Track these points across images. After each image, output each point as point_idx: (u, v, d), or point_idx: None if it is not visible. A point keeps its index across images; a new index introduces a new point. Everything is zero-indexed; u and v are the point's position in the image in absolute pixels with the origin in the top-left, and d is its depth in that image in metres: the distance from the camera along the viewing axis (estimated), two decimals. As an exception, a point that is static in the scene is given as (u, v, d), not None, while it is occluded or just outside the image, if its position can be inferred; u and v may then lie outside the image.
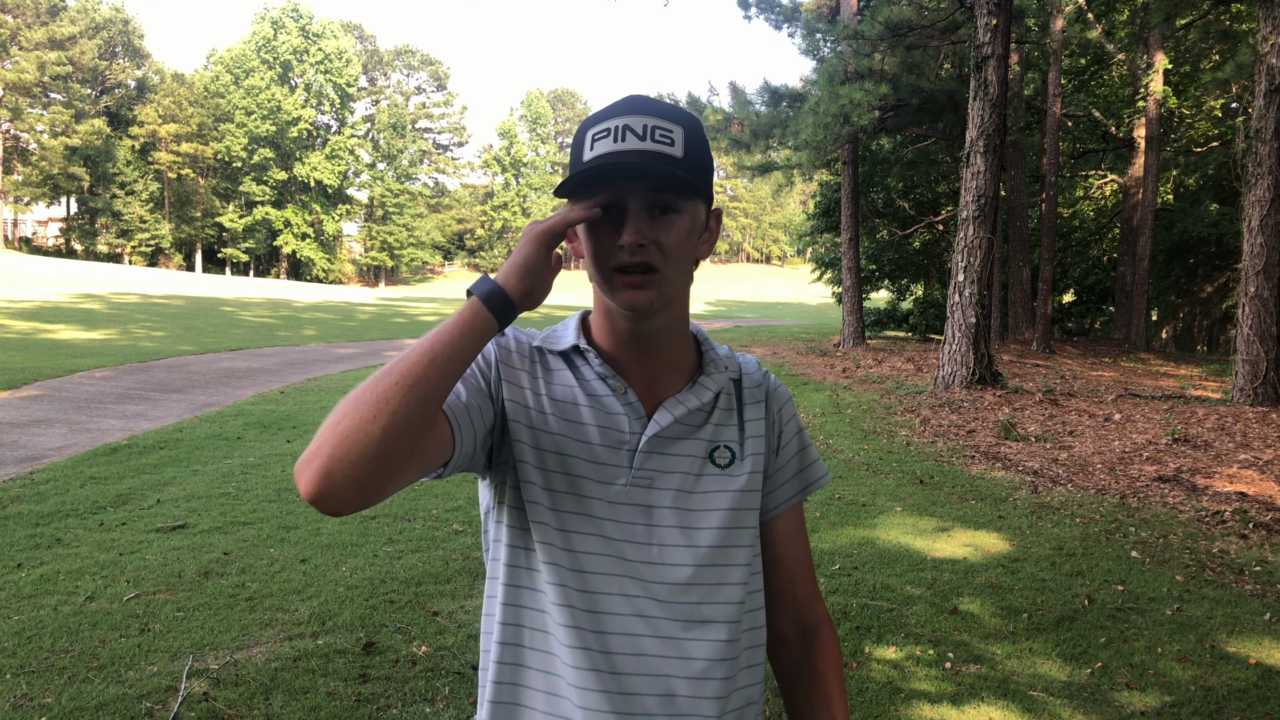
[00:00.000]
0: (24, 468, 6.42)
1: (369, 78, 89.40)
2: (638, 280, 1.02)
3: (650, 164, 0.99)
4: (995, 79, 10.67)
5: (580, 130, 1.06)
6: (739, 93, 18.52)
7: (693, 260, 1.07)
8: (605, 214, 1.02)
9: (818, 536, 5.34)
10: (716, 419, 1.13)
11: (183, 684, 3.21)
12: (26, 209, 67.21)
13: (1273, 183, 9.55)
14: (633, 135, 1.01)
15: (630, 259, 1.01)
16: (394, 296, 48.63)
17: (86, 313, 21.46)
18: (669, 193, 1.02)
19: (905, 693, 3.37)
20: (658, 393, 1.11)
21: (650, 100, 1.05)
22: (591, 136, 1.03)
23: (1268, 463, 7.41)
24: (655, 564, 1.07)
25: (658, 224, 1.02)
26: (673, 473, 1.09)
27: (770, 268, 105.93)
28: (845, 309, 19.37)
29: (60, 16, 62.66)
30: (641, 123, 1.02)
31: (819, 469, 1.24)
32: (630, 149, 1.00)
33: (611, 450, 1.07)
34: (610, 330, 1.11)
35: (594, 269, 1.05)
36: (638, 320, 1.06)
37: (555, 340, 1.13)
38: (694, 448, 1.11)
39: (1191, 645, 3.86)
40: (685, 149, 1.02)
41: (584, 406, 1.09)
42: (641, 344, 1.10)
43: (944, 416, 9.69)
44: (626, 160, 0.99)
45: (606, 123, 1.03)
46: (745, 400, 1.17)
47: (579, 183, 1.01)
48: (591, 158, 1.02)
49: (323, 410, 9.50)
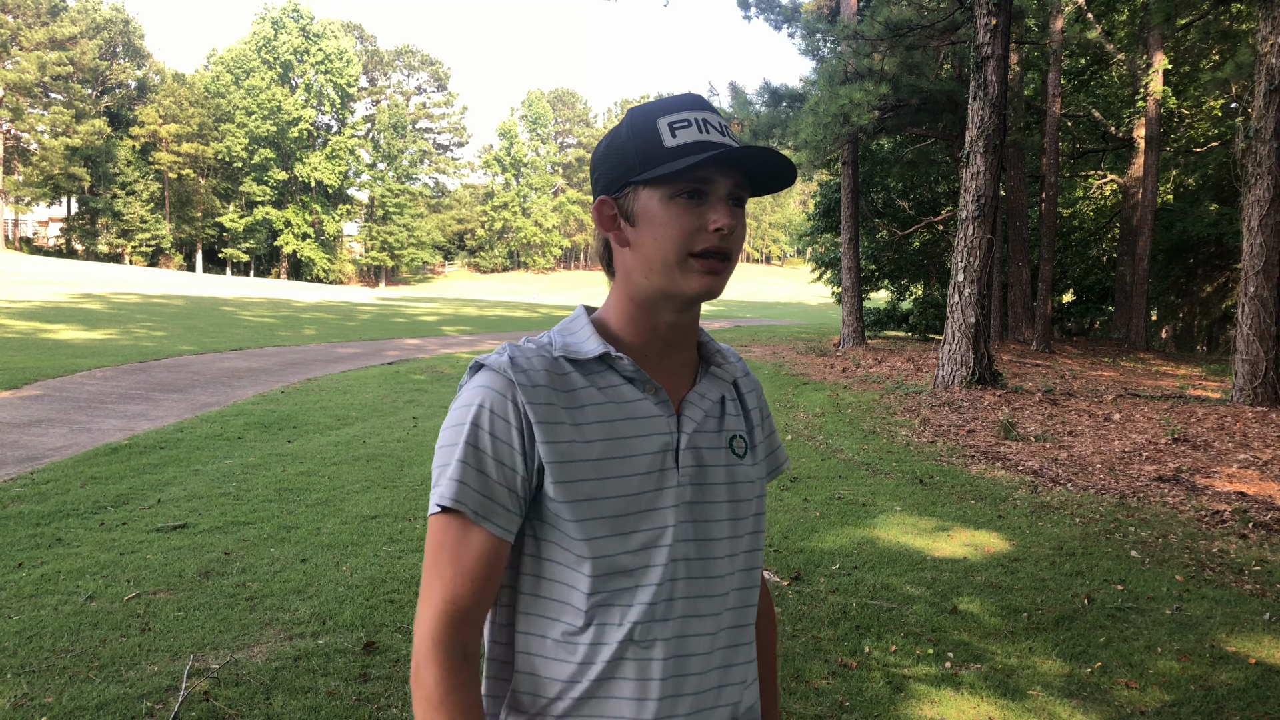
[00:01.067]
0: (25, 467, 6.43)
1: (369, 78, 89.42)
2: (717, 266, 1.04)
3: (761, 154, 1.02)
4: (995, 79, 10.67)
5: (642, 118, 1.06)
6: (739, 93, 18.52)
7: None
8: (692, 197, 1.03)
9: (817, 536, 5.35)
10: (729, 409, 1.16)
11: (183, 683, 3.22)
12: (27, 209, 67.22)
13: (1272, 183, 9.55)
14: (714, 129, 1.04)
15: (720, 243, 1.03)
16: (394, 296, 48.65)
17: (87, 313, 21.47)
18: (744, 186, 1.06)
19: (905, 692, 3.37)
20: (674, 388, 1.12)
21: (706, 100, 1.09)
22: (669, 124, 1.04)
23: (1267, 462, 7.41)
24: (714, 559, 1.10)
25: (734, 213, 1.05)
26: (712, 466, 1.11)
27: (770, 268, 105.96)
28: (845, 309, 19.38)
29: (61, 16, 62.68)
30: (715, 120, 1.06)
31: (784, 452, 1.31)
32: (716, 140, 1.03)
33: (657, 455, 1.07)
34: (643, 322, 1.10)
35: (668, 253, 1.04)
36: (689, 308, 1.09)
37: (577, 348, 1.09)
38: (719, 440, 1.13)
39: (1191, 645, 3.86)
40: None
41: (621, 420, 1.07)
42: (674, 336, 1.11)
43: (944, 416, 9.70)
44: (733, 150, 1.01)
45: (684, 114, 1.05)
46: (742, 389, 1.21)
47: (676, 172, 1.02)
48: (679, 144, 1.03)
49: (323, 410, 9.50)
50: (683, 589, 1.07)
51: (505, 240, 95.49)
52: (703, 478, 1.10)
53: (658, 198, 1.04)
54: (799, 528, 5.52)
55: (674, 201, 1.03)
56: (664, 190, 1.04)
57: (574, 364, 1.08)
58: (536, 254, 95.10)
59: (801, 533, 5.41)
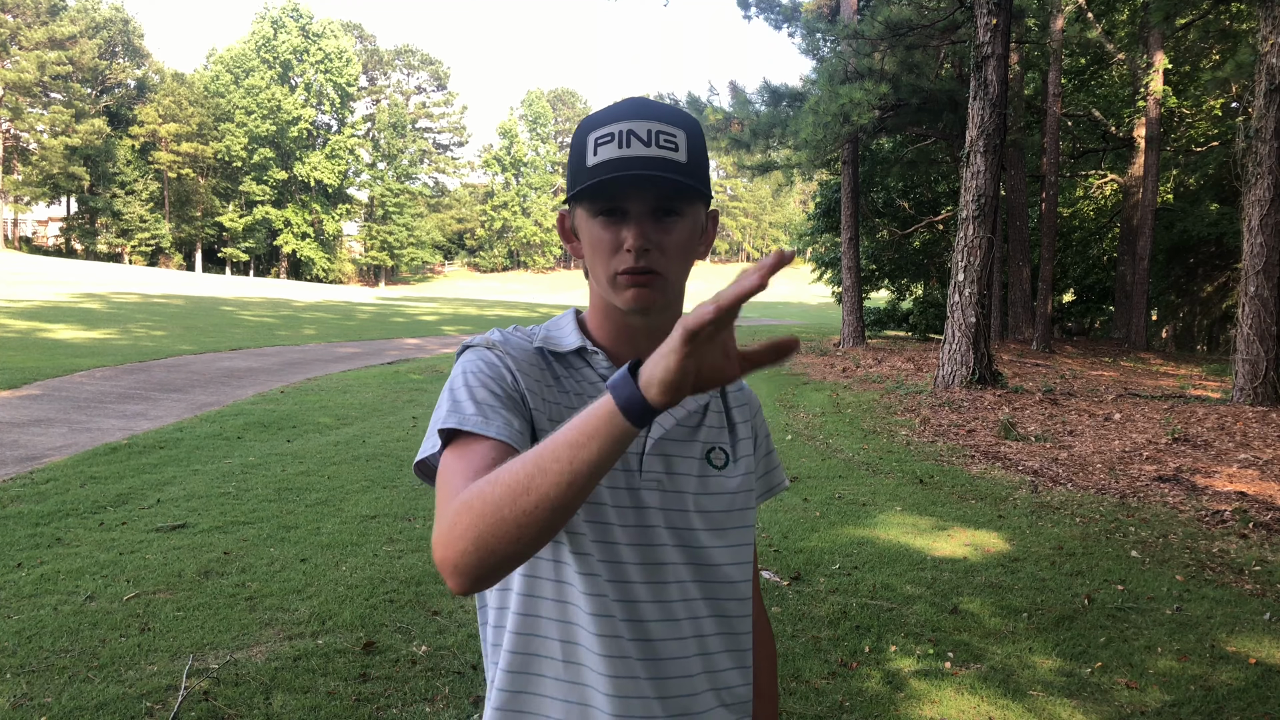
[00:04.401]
0: (24, 467, 6.43)
1: (369, 77, 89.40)
2: (642, 280, 1.03)
3: (657, 172, 1.00)
4: (995, 79, 10.67)
5: (580, 132, 1.06)
6: (739, 92, 18.52)
7: (691, 261, 1.09)
8: (610, 216, 1.03)
9: (818, 536, 5.35)
10: (710, 421, 1.15)
11: (183, 683, 3.21)
12: (27, 209, 67.24)
13: (1273, 182, 9.55)
14: (638, 141, 1.01)
15: (635, 263, 1.02)
16: (394, 296, 48.65)
17: (86, 312, 21.47)
18: (674, 199, 1.03)
19: (905, 692, 3.37)
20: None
21: (652, 103, 1.05)
22: (594, 140, 1.03)
23: (1268, 462, 7.41)
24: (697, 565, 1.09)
25: (660, 227, 1.03)
26: (677, 474, 1.10)
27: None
28: (845, 309, 19.38)
29: (60, 16, 62.67)
30: (646, 127, 1.02)
31: (781, 473, 1.31)
32: (636, 155, 1.01)
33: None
34: (611, 328, 1.11)
35: (598, 270, 1.06)
36: (640, 316, 1.08)
37: (557, 341, 1.12)
38: (693, 449, 1.12)
39: (1191, 645, 3.86)
40: (689, 153, 1.03)
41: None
42: (642, 341, 1.10)
43: (944, 416, 9.69)
44: (633, 168, 1.00)
45: (610, 126, 1.03)
46: (731, 404, 1.19)
47: (587, 192, 1.02)
48: (596, 163, 1.02)
49: (322, 410, 9.50)
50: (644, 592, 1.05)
51: (505, 240, 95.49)
52: (673, 485, 1.09)
53: (586, 216, 1.05)
54: (799, 528, 5.51)
55: (597, 220, 1.04)
56: (589, 208, 1.04)
57: (553, 355, 1.11)
58: (536, 254, 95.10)
59: (801, 533, 5.41)
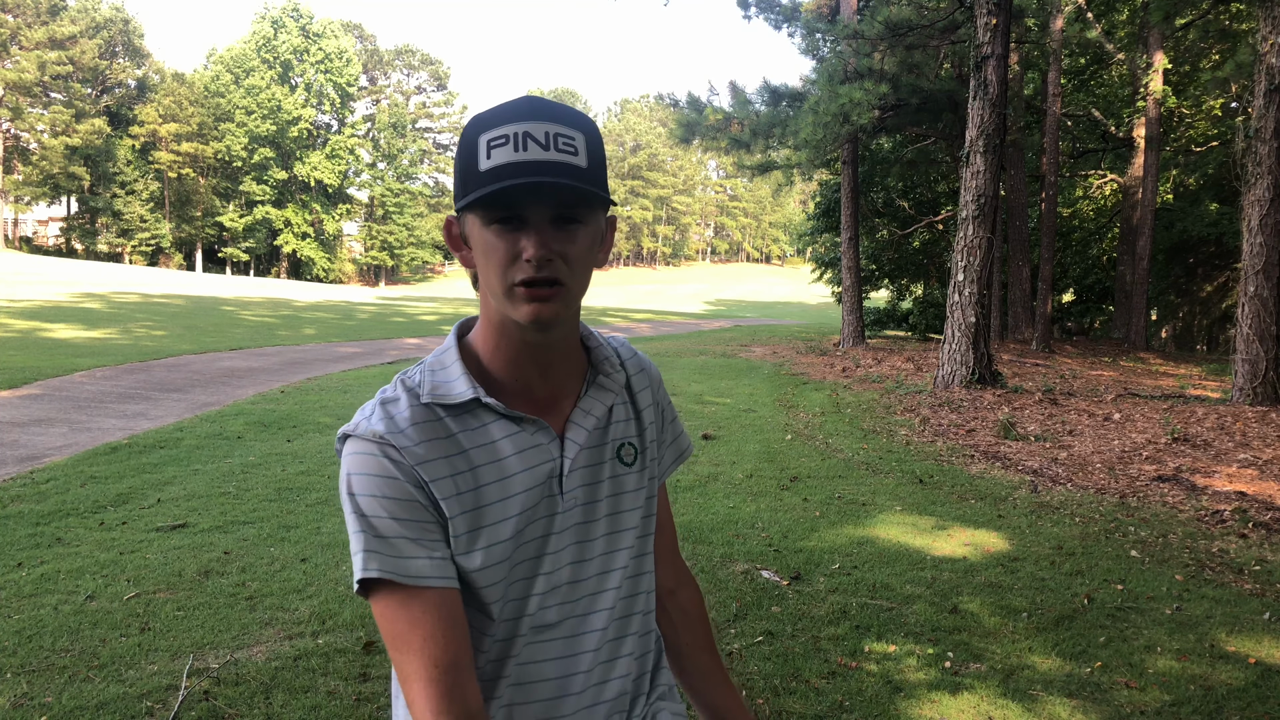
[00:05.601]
0: (24, 467, 6.43)
1: (369, 77, 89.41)
2: (544, 294, 0.97)
3: (558, 178, 0.94)
4: (995, 79, 10.67)
5: (469, 132, 0.99)
6: (739, 92, 18.52)
7: (591, 271, 1.03)
8: (506, 224, 0.97)
9: (818, 536, 5.35)
10: (617, 416, 1.14)
11: (183, 683, 3.22)
12: (27, 208, 67.24)
13: (1272, 182, 9.55)
14: (535, 144, 0.95)
15: (536, 273, 0.96)
16: (394, 296, 48.65)
17: (87, 312, 21.47)
18: (577, 205, 0.98)
19: (905, 692, 3.37)
20: (560, 405, 1.09)
21: (547, 102, 0.99)
22: (487, 142, 0.96)
23: (1267, 462, 7.41)
24: (599, 575, 1.11)
25: (561, 235, 0.97)
26: (596, 483, 1.10)
27: (770, 267, 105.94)
28: (845, 309, 19.38)
29: (60, 16, 62.67)
30: (543, 130, 0.96)
31: (686, 439, 1.30)
32: (534, 160, 0.94)
33: (540, 488, 1.05)
34: (505, 345, 1.05)
35: (493, 282, 0.99)
36: (540, 332, 1.02)
37: (445, 391, 1.04)
38: (605, 453, 1.11)
39: (1191, 644, 3.86)
40: (588, 157, 0.98)
41: (503, 460, 1.04)
42: (542, 357, 1.06)
43: (944, 416, 9.70)
44: (531, 173, 0.94)
45: (503, 128, 0.96)
46: (635, 388, 1.17)
47: (484, 199, 0.95)
48: (491, 167, 0.95)
49: (322, 409, 9.50)
50: (567, 613, 1.08)
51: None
52: (591, 495, 1.09)
53: (479, 224, 0.99)
54: (799, 527, 5.52)
55: (491, 229, 0.97)
56: (482, 216, 0.98)
57: (446, 409, 1.04)
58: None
59: (801, 532, 5.41)
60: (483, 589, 1.03)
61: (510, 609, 1.06)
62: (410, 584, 0.98)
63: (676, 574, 1.31)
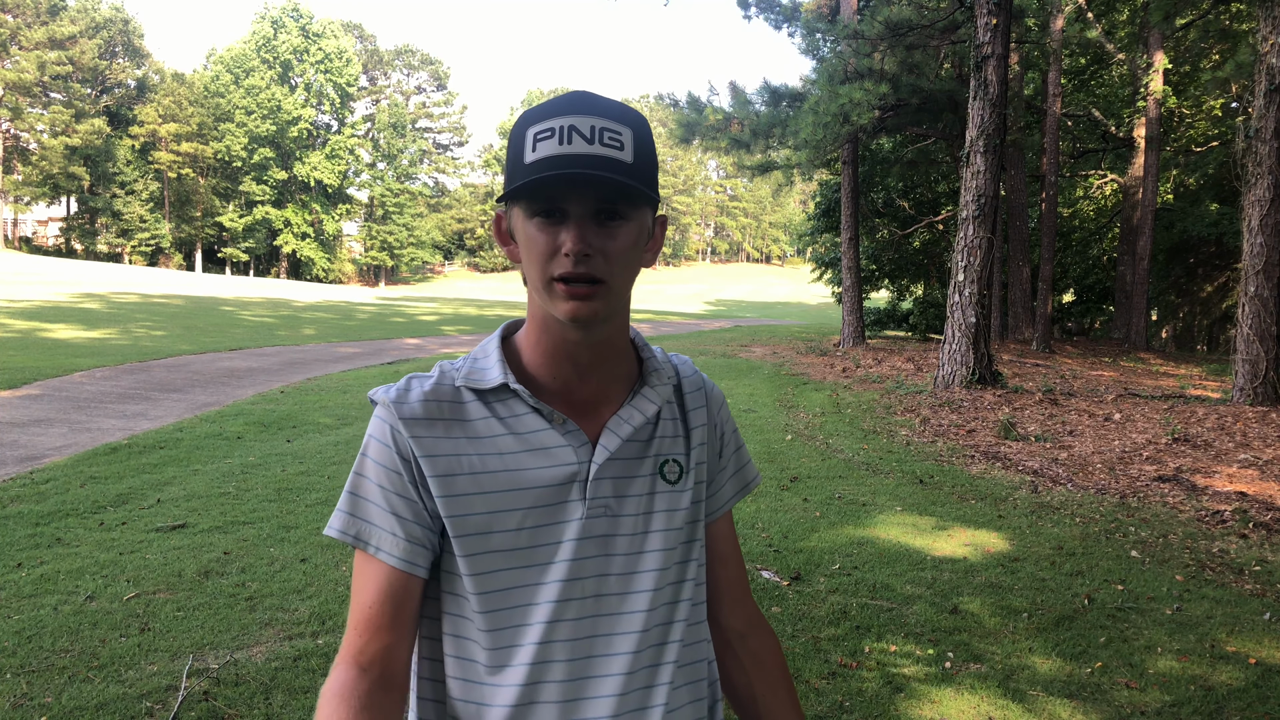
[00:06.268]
0: (24, 467, 6.43)
1: (369, 77, 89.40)
2: (582, 291, 0.96)
3: (600, 171, 0.93)
4: (995, 79, 10.67)
5: (519, 127, 0.98)
6: (739, 92, 18.52)
7: (637, 269, 1.02)
8: (548, 217, 0.96)
9: (818, 536, 5.35)
10: (663, 431, 1.09)
11: (183, 683, 3.21)
12: (26, 209, 67.23)
13: (1273, 182, 9.55)
14: (580, 137, 0.94)
15: (574, 269, 0.95)
16: (394, 296, 48.65)
17: (86, 312, 21.47)
18: (618, 201, 0.96)
19: (905, 692, 3.37)
20: (600, 410, 1.06)
21: (596, 97, 0.98)
22: (534, 135, 0.96)
23: (1268, 462, 7.41)
24: (621, 594, 1.04)
25: (603, 231, 0.96)
26: (628, 496, 1.05)
27: (770, 268, 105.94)
28: (845, 309, 19.38)
29: (60, 16, 62.67)
30: (589, 124, 0.95)
31: (753, 469, 1.25)
32: (578, 153, 0.94)
33: (560, 488, 1.02)
34: (548, 344, 1.04)
35: (534, 276, 0.98)
36: (580, 330, 1.00)
37: (480, 375, 1.04)
38: (644, 466, 1.07)
39: (1191, 645, 3.86)
40: (635, 153, 0.97)
41: (520, 452, 1.02)
42: (582, 357, 1.04)
43: (944, 416, 9.69)
44: (573, 166, 0.93)
45: (550, 121, 0.96)
46: (688, 406, 1.13)
47: (524, 191, 0.95)
48: (534, 160, 0.95)
49: (322, 410, 9.50)
50: (589, 627, 1.03)
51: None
52: (621, 508, 1.04)
53: (522, 216, 0.98)
54: (799, 528, 5.51)
55: (533, 222, 0.97)
56: (525, 209, 0.97)
57: (476, 394, 1.04)
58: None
59: (801, 533, 5.41)
60: (476, 579, 1.00)
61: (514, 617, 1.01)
62: (368, 551, 1.02)
63: (747, 617, 1.22)
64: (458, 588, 1.03)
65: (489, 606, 1.01)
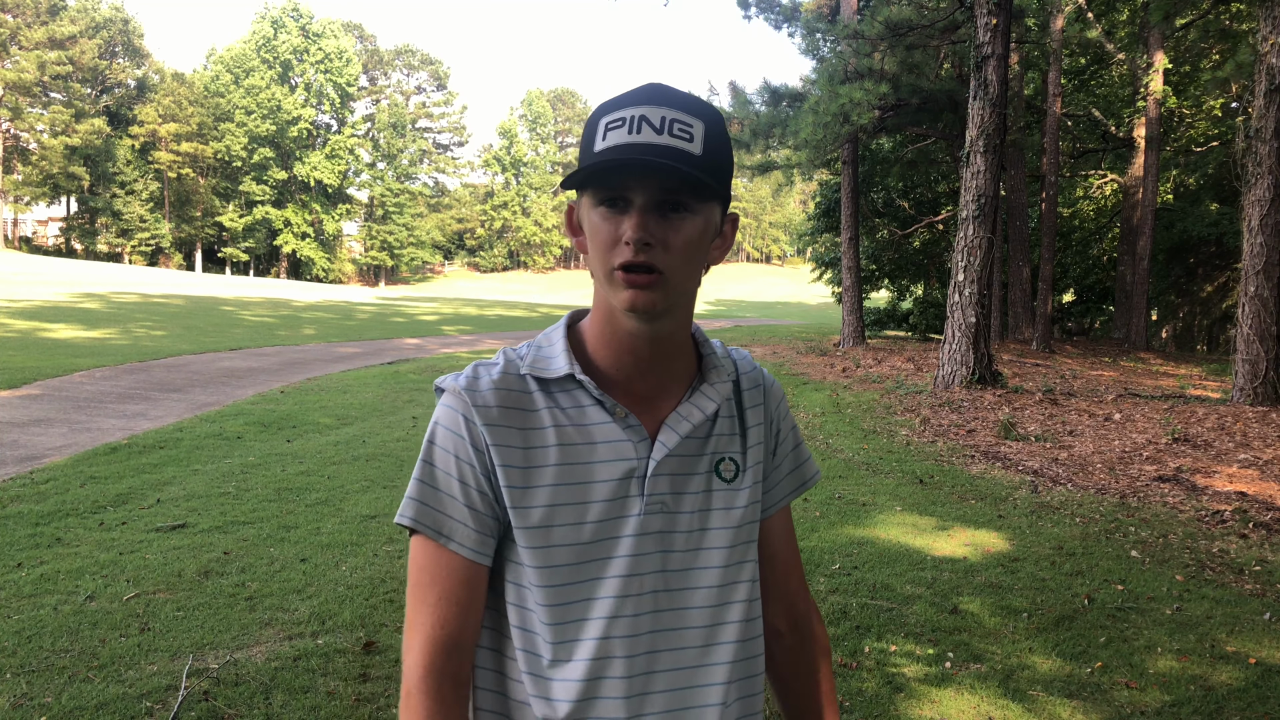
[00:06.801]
0: (24, 467, 6.43)
1: (369, 77, 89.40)
2: (641, 280, 0.95)
3: (664, 160, 0.93)
4: (995, 78, 10.67)
5: (593, 116, 0.99)
6: (739, 92, 18.52)
7: (702, 265, 1.01)
8: (613, 206, 0.96)
9: (818, 536, 5.35)
10: (720, 429, 1.09)
11: (183, 683, 3.21)
12: (26, 209, 67.23)
13: (1273, 182, 9.55)
14: (649, 127, 0.94)
15: (634, 257, 0.94)
16: (394, 296, 48.65)
17: (86, 312, 21.47)
18: (682, 192, 0.95)
19: (905, 692, 3.37)
20: (659, 405, 1.06)
21: (671, 90, 0.98)
22: (605, 125, 0.97)
23: (1268, 462, 7.41)
24: (679, 590, 1.04)
25: (666, 222, 0.96)
26: (685, 493, 1.04)
27: (770, 268, 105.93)
28: (845, 309, 19.38)
29: (60, 16, 62.67)
30: (659, 114, 0.95)
31: (812, 466, 1.22)
32: (645, 142, 0.94)
33: (620, 482, 1.02)
34: (611, 335, 1.04)
35: (597, 264, 0.99)
36: (639, 321, 1.00)
37: (545, 364, 1.04)
38: (701, 464, 1.06)
39: (1191, 645, 3.86)
40: (704, 146, 0.96)
41: (581, 444, 1.02)
42: (644, 349, 1.03)
43: (944, 416, 9.69)
44: (637, 155, 0.93)
45: (622, 111, 0.96)
46: (746, 404, 1.12)
47: (587, 178, 0.95)
48: (603, 148, 0.95)
49: (322, 410, 9.51)
50: (648, 623, 1.02)
51: (505, 240, 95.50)
52: (677, 505, 1.04)
53: (589, 205, 0.98)
54: (799, 528, 5.52)
55: (598, 210, 0.97)
56: (592, 197, 0.98)
57: (540, 383, 1.03)
58: (536, 253, 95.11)
59: (801, 533, 5.41)
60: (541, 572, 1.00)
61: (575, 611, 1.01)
62: (440, 542, 1.00)
63: (792, 618, 1.21)
64: (523, 578, 1.02)
65: (551, 600, 1.00)
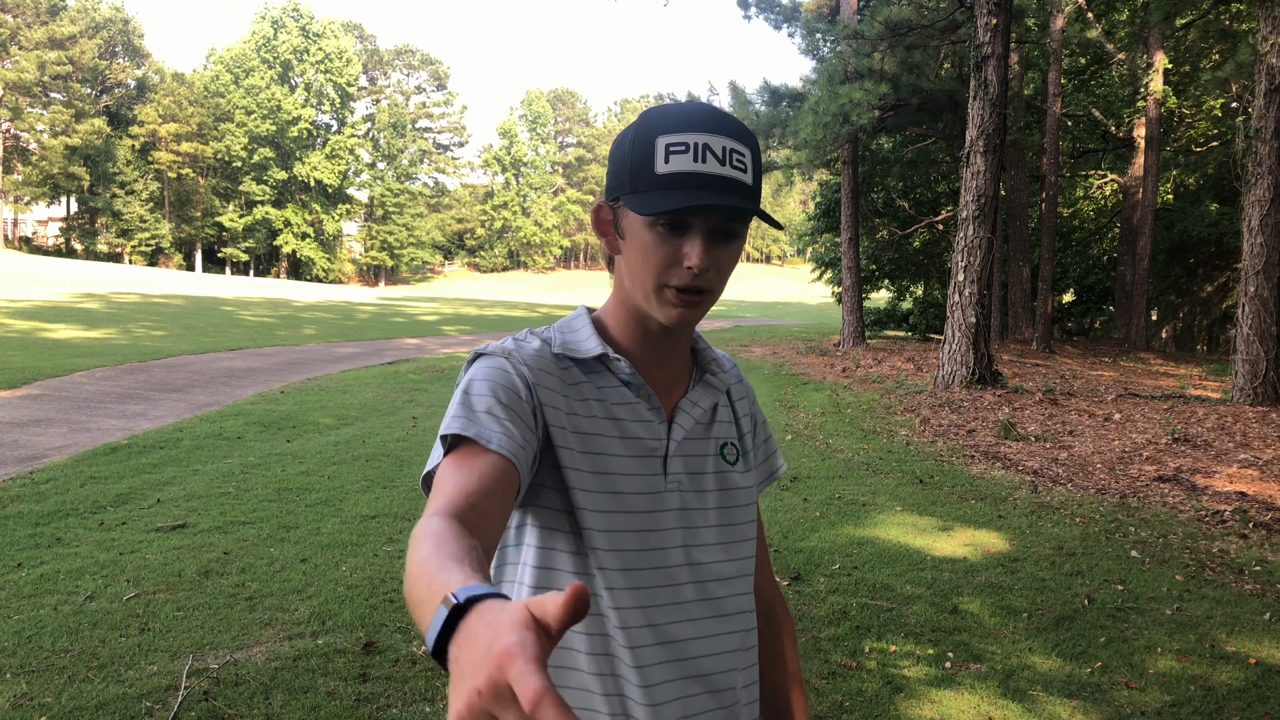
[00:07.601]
0: (24, 467, 6.42)
1: (369, 77, 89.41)
2: (693, 300, 1.02)
3: (731, 199, 0.99)
4: (995, 79, 10.67)
5: (647, 131, 1.02)
6: (739, 92, 18.52)
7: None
8: (673, 230, 1.01)
9: (818, 536, 5.35)
10: (720, 416, 1.18)
11: (183, 683, 3.21)
12: (26, 209, 67.25)
13: (1273, 182, 9.55)
14: (713, 158, 1.00)
15: (692, 282, 1.01)
16: (394, 296, 48.64)
17: (86, 312, 21.46)
18: (737, 220, 1.02)
19: (905, 691, 3.37)
20: (672, 392, 1.14)
21: (725, 115, 1.04)
22: (666, 146, 1.00)
23: (1268, 462, 7.41)
24: (697, 564, 1.10)
25: (719, 248, 1.02)
26: (700, 473, 1.12)
27: (770, 268, 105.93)
28: (845, 309, 19.38)
29: (60, 16, 62.68)
30: (720, 144, 1.00)
31: (780, 458, 1.32)
32: (710, 173, 0.99)
33: (644, 459, 1.08)
34: (637, 333, 1.11)
35: (644, 279, 1.03)
36: (672, 328, 1.08)
37: (576, 346, 1.10)
38: (709, 447, 1.14)
39: (1191, 645, 3.86)
40: (753, 175, 1.02)
41: (613, 419, 1.08)
42: (665, 347, 1.12)
43: (944, 416, 9.69)
44: (706, 186, 0.99)
45: (684, 135, 1.00)
46: (734, 396, 1.22)
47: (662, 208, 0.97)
48: (669, 172, 0.99)
49: (322, 410, 9.51)
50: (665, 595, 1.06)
51: (505, 240, 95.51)
52: (695, 485, 1.11)
53: (641, 221, 1.02)
54: (799, 528, 5.51)
55: (654, 230, 1.01)
56: (648, 216, 1.01)
57: (573, 361, 1.10)
58: (536, 253, 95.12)
59: (801, 533, 5.41)
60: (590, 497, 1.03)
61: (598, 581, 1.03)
62: (482, 444, 0.95)
63: (763, 601, 1.30)
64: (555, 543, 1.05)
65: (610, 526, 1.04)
